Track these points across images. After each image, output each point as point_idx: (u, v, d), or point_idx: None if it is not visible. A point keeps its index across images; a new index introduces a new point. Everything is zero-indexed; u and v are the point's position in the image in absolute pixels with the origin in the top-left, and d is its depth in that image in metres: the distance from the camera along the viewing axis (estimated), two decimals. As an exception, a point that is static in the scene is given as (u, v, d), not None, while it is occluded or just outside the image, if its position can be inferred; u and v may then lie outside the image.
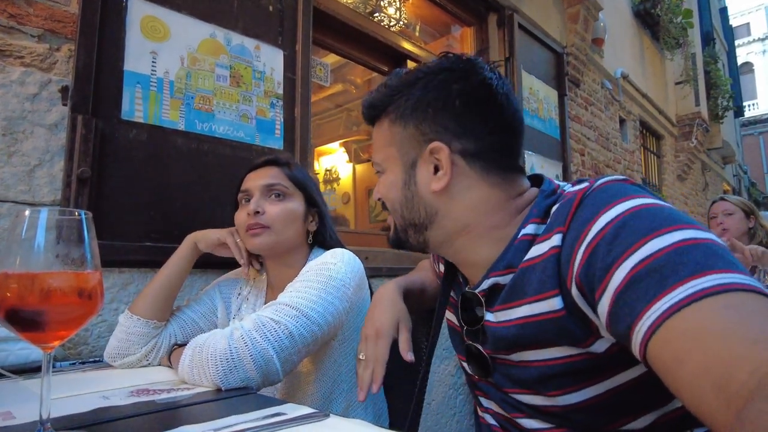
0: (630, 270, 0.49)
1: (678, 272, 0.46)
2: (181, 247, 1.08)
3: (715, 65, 7.47)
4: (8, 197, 1.11)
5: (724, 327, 0.41)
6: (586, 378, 0.62)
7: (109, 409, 0.65)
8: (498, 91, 0.69)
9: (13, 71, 1.15)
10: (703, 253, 0.47)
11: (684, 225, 0.50)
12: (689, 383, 0.42)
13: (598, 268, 0.53)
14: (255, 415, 0.59)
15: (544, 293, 0.61)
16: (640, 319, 0.47)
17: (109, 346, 0.99)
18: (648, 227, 0.51)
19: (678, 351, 0.43)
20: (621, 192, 0.57)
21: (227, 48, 1.53)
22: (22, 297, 0.48)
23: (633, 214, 0.53)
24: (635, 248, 0.50)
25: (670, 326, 0.44)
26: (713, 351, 0.41)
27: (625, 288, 0.49)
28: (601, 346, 0.59)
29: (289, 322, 0.83)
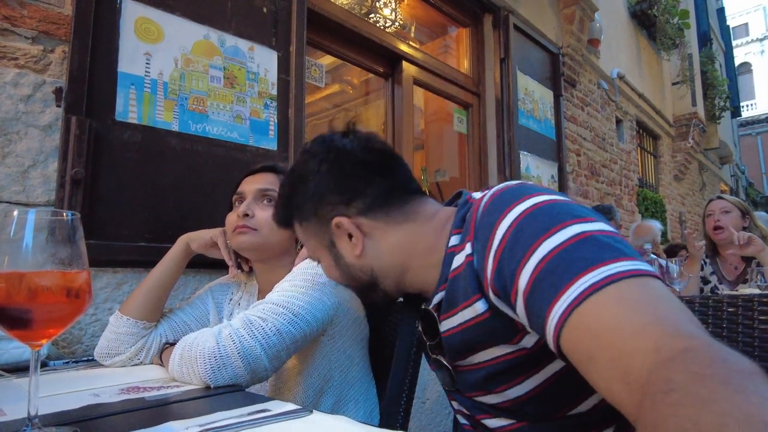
0: (531, 274, 0.52)
1: (570, 270, 0.49)
2: (173, 248, 1.08)
3: (712, 66, 7.50)
4: (2, 198, 1.13)
5: (614, 322, 0.44)
6: (523, 372, 0.65)
7: (99, 406, 0.66)
8: (355, 149, 0.74)
9: (7, 73, 1.16)
10: (591, 246, 0.50)
11: (573, 220, 0.53)
12: (599, 379, 0.44)
13: (506, 275, 0.56)
14: (240, 411, 0.60)
15: (469, 300, 0.64)
16: (547, 320, 0.49)
17: (98, 346, 1.00)
18: (540, 228, 0.53)
19: (583, 350, 0.46)
20: (516, 195, 0.60)
21: (221, 49, 1.54)
22: (9, 295, 0.49)
23: (527, 217, 0.56)
24: (532, 251, 0.53)
25: (572, 326, 0.47)
26: (611, 347, 0.43)
27: (530, 292, 0.52)
28: (530, 341, 0.62)
29: (276, 319, 0.84)
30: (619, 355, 0.42)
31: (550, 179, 3.33)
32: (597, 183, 4.09)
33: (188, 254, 1.09)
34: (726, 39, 10.96)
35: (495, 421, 0.73)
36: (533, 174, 3.14)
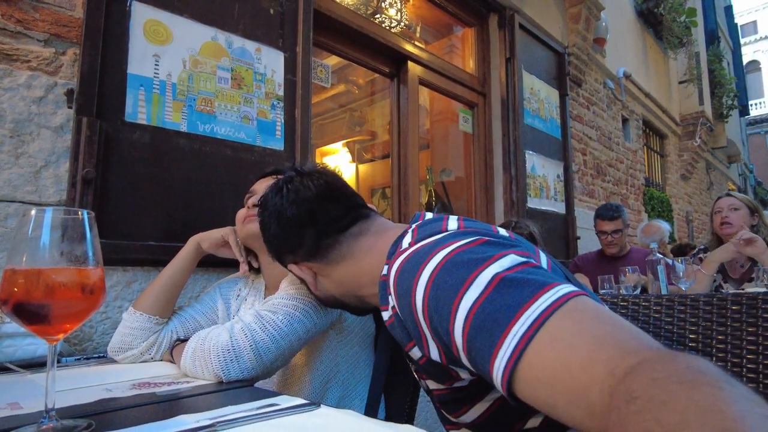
0: (461, 332, 0.52)
1: (498, 323, 0.48)
2: (184, 247, 1.11)
3: (720, 64, 7.45)
4: (16, 197, 1.15)
5: (559, 364, 0.44)
6: (467, 402, 0.68)
7: (112, 400, 0.67)
8: (284, 207, 0.81)
9: (20, 75, 1.18)
10: (509, 289, 0.50)
11: (484, 264, 0.53)
12: (570, 419, 0.44)
13: (442, 334, 0.55)
14: (250, 405, 0.61)
15: (407, 345, 0.66)
16: (492, 374, 0.49)
17: (112, 342, 1.02)
18: (455, 283, 0.53)
19: (542, 400, 0.46)
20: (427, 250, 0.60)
21: (228, 50, 1.56)
22: (28, 292, 0.51)
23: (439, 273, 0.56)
24: (455, 309, 0.52)
25: (521, 379, 0.47)
26: (567, 390, 0.43)
27: (468, 349, 0.52)
28: (460, 384, 0.65)
29: (287, 312, 0.87)
30: (578, 393, 0.42)
31: (556, 179, 3.33)
32: (603, 182, 4.08)
33: (199, 254, 1.11)
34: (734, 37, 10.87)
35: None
36: (539, 173, 3.14)
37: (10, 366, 0.95)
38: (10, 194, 1.14)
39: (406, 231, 0.73)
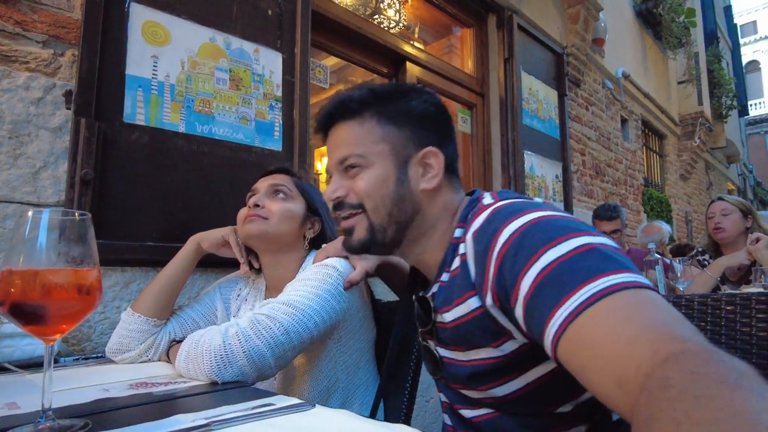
0: (533, 280, 0.54)
1: (573, 279, 0.51)
2: (184, 247, 1.11)
3: (719, 64, 7.46)
4: (14, 198, 1.15)
5: (611, 331, 0.46)
6: (506, 374, 0.68)
7: (109, 400, 0.68)
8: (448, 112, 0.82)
9: (19, 76, 1.18)
10: (595, 257, 0.52)
11: (578, 233, 0.55)
12: (597, 386, 0.46)
13: (507, 279, 0.58)
14: (245, 405, 0.62)
15: (463, 296, 0.67)
16: (547, 326, 0.52)
17: (110, 342, 1.02)
18: (544, 239, 0.56)
19: (580, 359, 0.48)
20: (522, 207, 0.63)
21: (227, 51, 1.57)
22: (25, 292, 0.52)
23: (531, 226, 0.58)
24: (535, 258, 0.55)
25: (569, 335, 0.49)
26: (606, 356, 0.45)
27: (531, 297, 0.54)
28: (511, 346, 0.65)
29: (284, 319, 0.86)
30: (614, 363, 0.44)
31: (555, 179, 3.33)
32: (602, 182, 4.09)
33: (199, 254, 1.11)
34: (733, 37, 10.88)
35: (472, 411, 0.76)
36: (537, 174, 3.14)
37: (9, 366, 0.96)
38: (8, 195, 1.14)
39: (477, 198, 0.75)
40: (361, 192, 0.75)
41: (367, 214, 0.76)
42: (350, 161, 0.76)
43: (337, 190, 0.77)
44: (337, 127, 0.79)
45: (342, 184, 0.77)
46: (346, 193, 0.77)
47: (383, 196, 0.75)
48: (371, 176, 0.75)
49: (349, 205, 0.77)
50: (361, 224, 0.76)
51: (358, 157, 0.76)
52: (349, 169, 0.77)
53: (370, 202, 0.75)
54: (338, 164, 0.78)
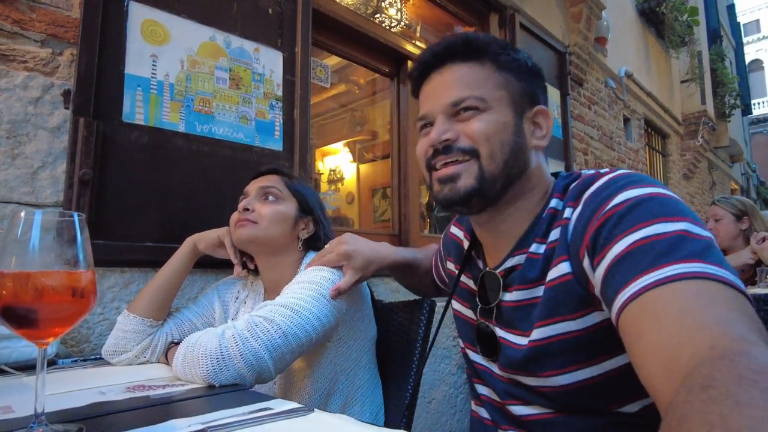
0: (631, 243, 0.53)
1: (673, 254, 0.50)
2: (180, 248, 1.10)
3: (722, 63, 7.42)
4: (12, 199, 1.14)
5: (683, 310, 0.44)
6: (577, 360, 0.65)
7: (105, 403, 0.67)
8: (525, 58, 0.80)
9: (17, 75, 1.18)
10: (701, 245, 0.51)
11: (692, 220, 0.54)
12: (643, 358, 0.45)
13: (603, 236, 0.57)
14: (243, 409, 0.61)
15: (557, 260, 0.66)
16: (624, 288, 0.51)
17: (106, 344, 1.01)
18: (660, 211, 0.55)
19: (640, 326, 0.47)
20: (644, 180, 0.61)
21: (227, 50, 1.56)
22: (17, 295, 0.50)
23: (650, 197, 0.57)
24: (642, 226, 0.54)
25: (642, 301, 0.48)
26: (666, 331, 0.44)
27: (621, 258, 0.53)
28: (593, 319, 0.63)
29: (282, 321, 0.85)
30: (672, 341, 0.43)
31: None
32: (604, 182, 4.06)
33: (195, 254, 1.10)
34: (736, 36, 10.83)
35: (524, 408, 0.72)
36: (540, 173, 3.13)
37: (5, 368, 0.95)
38: (6, 195, 1.13)
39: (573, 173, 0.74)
40: (478, 135, 0.70)
41: (479, 162, 0.70)
42: (467, 103, 0.71)
43: (446, 132, 0.72)
44: (448, 68, 0.74)
45: (451, 127, 0.72)
46: (456, 136, 0.71)
47: (502, 143, 0.70)
48: (491, 120, 0.70)
49: (458, 150, 0.71)
50: (470, 171, 0.71)
51: (477, 99, 0.71)
52: (463, 111, 0.72)
53: (488, 146, 0.70)
54: (450, 106, 0.72)
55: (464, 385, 2.30)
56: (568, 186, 0.71)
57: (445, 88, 0.74)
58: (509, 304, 0.72)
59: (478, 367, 0.82)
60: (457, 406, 2.26)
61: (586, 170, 0.74)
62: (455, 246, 0.93)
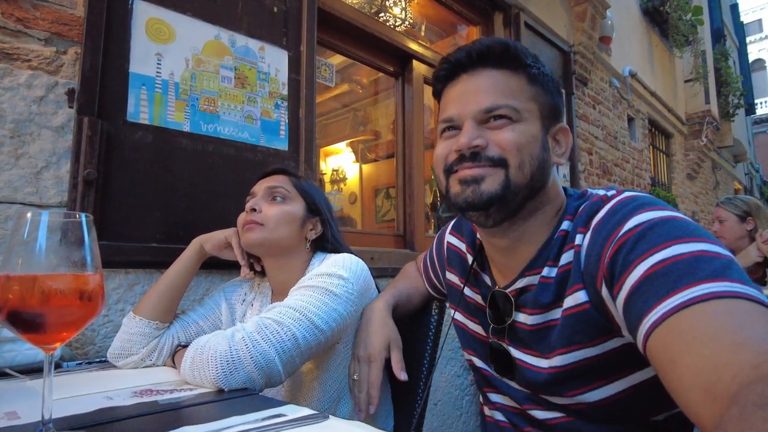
0: (649, 267, 0.52)
1: (694, 275, 0.48)
2: (187, 249, 1.09)
3: (726, 62, 7.38)
4: (16, 199, 1.13)
5: (716, 331, 0.43)
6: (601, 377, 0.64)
7: (112, 409, 0.65)
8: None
9: (21, 74, 1.16)
10: (720, 264, 0.49)
11: (707, 240, 0.53)
12: (680, 383, 0.43)
13: (619, 263, 0.56)
14: (255, 416, 0.59)
15: (572, 288, 0.64)
16: (648, 314, 0.49)
17: (112, 347, 1.00)
18: (674, 234, 0.54)
19: (672, 352, 0.45)
20: (653, 202, 0.60)
21: (232, 49, 1.54)
22: (23, 299, 0.49)
23: (662, 221, 0.56)
24: (658, 249, 0.53)
25: (670, 324, 0.46)
26: (702, 354, 0.42)
27: (641, 283, 0.52)
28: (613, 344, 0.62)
29: (292, 324, 0.83)
30: (710, 364, 0.41)
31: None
32: (609, 182, 4.05)
33: (202, 256, 1.09)
34: (740, 35, 10.79)
35: (547, 413, 0.71)
36: (545, 173, 3.11)
37: (10, 372, 0.93)
38: (10, 196, 1.12)
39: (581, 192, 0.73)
40: (510, 145, 0.68)
41: (507, 171, 0.68)
42: (501, 111, 0.69)
43: (476, 138, 0.69)
44: (482, 72, 0.72)
45: (481, 134, 0.70)
46: (486, 143, 0.69)
47: (531, 155, 0.69)
48: (524, 131, 0.69)
49: (487, 158, 0.69)
50: (495, 177, 0.69)
51: (511, 109, 0.69)
52: (494, 119, 0.70)
53: (518, 157, 0.68)
54: (483, 112, 0.70)
55: (470, 386, 2.28)
56: (577, 207, 0.70)
57: (477, 93, 0.71)
58: (525, 326, 0.71)
59: (491, 377, 0.80)
60: (463, 408, 2.24)
61: (592, 189, 0.73)
62: (458, 258, 0.92)
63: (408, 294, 1.07)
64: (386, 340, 0.92)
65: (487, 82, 0.71)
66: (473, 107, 0.71)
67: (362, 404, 0.88)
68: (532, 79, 0.72)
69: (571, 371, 0.65)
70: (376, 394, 0.88)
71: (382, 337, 0.91)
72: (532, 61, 0.73)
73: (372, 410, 0.89)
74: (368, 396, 0.88)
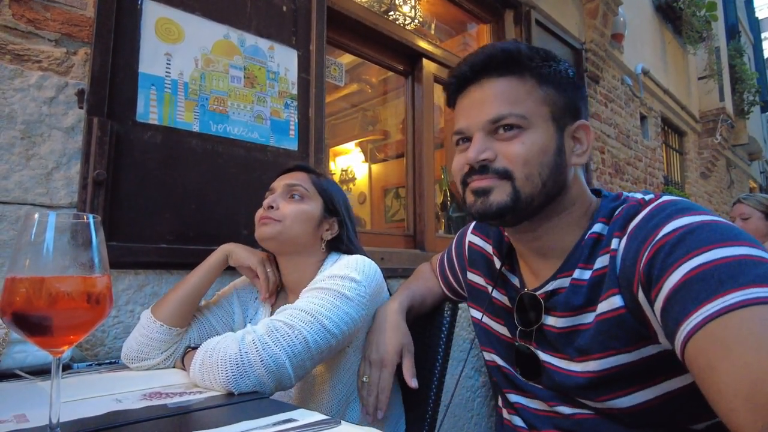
0: (689, 271, 0.50)
1: (737, 279, 0.47)
2: (212, 255, 1.07)
3: (741, 59, 7.26)
4: (27, 200, 1.13)
5: (758, 337, 0.41)
6: (635, 383, 0.62)
7: (121, 412, 0.64)
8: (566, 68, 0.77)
9: (31, 75, 1.16)
10: (765, 270, 0.47)
11: (750, 244, 0.51)
12: (719, 391, 0.42)
13: (657, 267, 0.54)
14: (266, 420, 0.58)
15: (607, 293, 0.63)
16: (688, 318, 0.48)
17: (127, 348, 0.99)
18: (715, 238, 0.52)
19: (711, 357, 0.44)
20: (693, 207, 0.59)
21: (241, 49, 1.53)
22: (30, 302, 0.48)
23: (702, 225, 0.54)
24: (698, 253, 0.51)
25: (710, 330, 0.45)
26: (744, 360, 0.41)
27: (680, 287, 0.50)
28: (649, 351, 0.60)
29: (303, 327, 0.82)
30: (752, 371, 0.39)
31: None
32: (621, 181, 3.99)
33: (224, 264, 1.07)
34: (755, 31, 10.62)
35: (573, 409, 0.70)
36: (556, 172, 3.07)
37: (20, 373, 0.93)
38: (21, 197, 1.12)
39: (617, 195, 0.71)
40: (517, 158, 0.68)
41: (513, 183, 0.68)
42: (508, 121, 0.68)
43: (484, 151, 0.69)
44: (487, 82, 0.71)
45: (490, 146, 0.69)
46: (494, 156, 0.69)
47: (542, 165, 0.68)
48: (533, 141, 0.68)
49: (494, 171, 0.69)
50: (503, 188, 0.69)
51: (518, 117, 0.68)
52: (503, 129, 0.69)
53: (525, 170, 0.68)
54: (489, 123, 0.70)
55: (481, 388, 2.26)
56: (614, 210, 0.68)
57: (483, 104, 0.71)
58: (553, 329, 0.70)
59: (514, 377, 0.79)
60: (474, 409, 2.22)
61: (629, 194, 0.71)
62: (483, 259, 0.90)
63: (422, 295, 1.06)
64: (399, 345, 0.91)
65: (491, 91, 0.70)
66: (480, 119, 0.70)
67: (371, 408, 0.89)
68: (542, 80, 0.70)
69: (606, 377, 0.63)
70: (385, 399, 0.88)
71: (395, 342, 0.91)
72: (540, 62, 0.71)
73: (380, 415, 0.88)
74: (377, 401, 0.87)
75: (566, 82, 0.72)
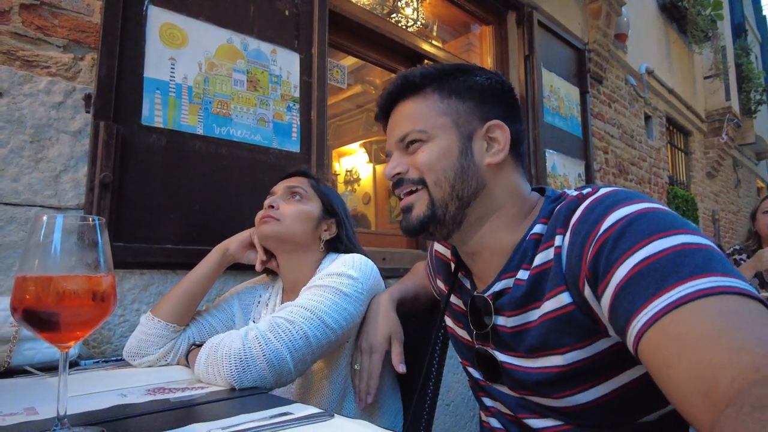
0: (632, 267, 0.51)
1: (678, 272, 0.48)
2: (209, 255, 1.10)
3: (747, 58, 7.21)
4: (36, 202, 1.16)
5: (711, 333, 0.42)
6: (590, 379, 0.64)
7: (126, 406, 0.67)
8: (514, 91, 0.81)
9: (40, 81, 1.19)
10: (703, 257, 0.49)
11: (687, 230, 0.52)
12: (676, 387, 0.43)
13: (602, 264, 0.55)
14: (263, 414, 0.60)
15: (554, 291, 0.64)
16: (637, 315, 0.49)
17: (128, 345, 1.02)
18: (652, 229, 0.53)
19: (667, 355, 0.44)
20: (629, 196, 0.60)
21: (244, 53, 1.56)
22: (39, 299, 0.51)
23: (639, 215, 0.55)
24: (639, 247, 0.52)
25: (662, 326, 0.46)
26: (699, 357, 0.41)
27: (626, 284, 0.51)
28: (601, 345, 0.61)
29: (304, 323, 0.85)
30: (707, 368, 0.40)
31: (577, 178, 3.26)
32: (625, 181, 3.99)
33: (225, 262, 1.11)
34: (762, 29, 10.53)
35: (541, 421, 0.71)
36: (559, 173, 3.08)
37: (30, 369, 0.96)
38: (30, 199, 1.15)
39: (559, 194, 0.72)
40: (422, 165, 0.73)
41: (428, 190, 0.73)
42: (411, 137, 0.75)
43: (396, 167, 0.76)
44: (398, 107, 0.79)
45: (402, 161, 0.76)
46: (406, 169, 0.75)
47: (445, 168, 0.72)
48: (433, 149, 0.73)
49: (409, 181, 0.75)
50: (422, 200, 0.74)
51: (419, 132, 0.74)
52: (410, 145, 0.75)
53: (432, 175, 0.72)
54: (398, 142, 0.77)
55: (483, 387, 2.27)
56: (553, 210, 0.69)
57: (394, 126, 0.79)
58: (505, 329, 0.71)
59: (484, 384, 0.80)
60: (476, 408, 2.24)
61: (568, 190, 0.72)
62: (443, 265, 0.93)
63: (415, 291, 1.08)
64: (388, 332, 0.95)
65: (400, 114, 0.78)
66: (392, 139, 0.78)
67: (362, 393, 0.94)
68: (444, 94, 0.75)
69: (564, 373, 0.65)
70: (374, 384, 0.92)
71: (384, 329, 0.95)
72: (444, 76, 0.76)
73: (369, 399, 0.91)
74: (368, 386, 0.91)
75: (475, 90, 0.76)
